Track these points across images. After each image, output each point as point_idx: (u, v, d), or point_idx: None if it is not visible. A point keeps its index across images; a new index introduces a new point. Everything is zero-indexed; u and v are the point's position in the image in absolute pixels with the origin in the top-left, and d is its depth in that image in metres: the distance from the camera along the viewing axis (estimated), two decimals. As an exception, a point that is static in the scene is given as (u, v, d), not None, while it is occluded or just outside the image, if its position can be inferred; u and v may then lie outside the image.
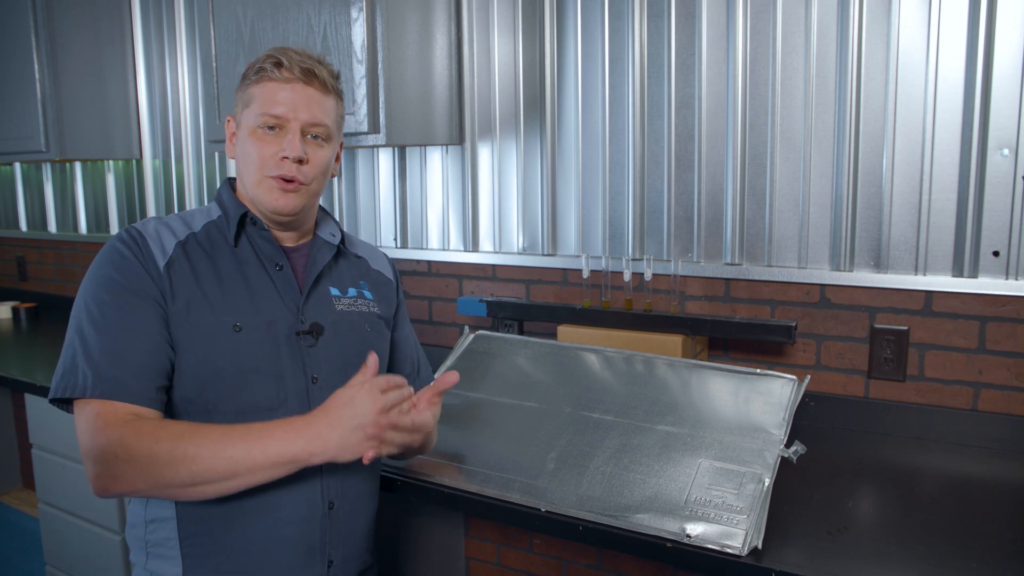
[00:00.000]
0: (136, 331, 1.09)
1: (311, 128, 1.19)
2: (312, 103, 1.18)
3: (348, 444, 1.06)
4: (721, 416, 1.42)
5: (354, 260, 1.37)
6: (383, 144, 1.84)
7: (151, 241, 1.16)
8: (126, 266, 1.12)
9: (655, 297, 1.86)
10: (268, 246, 1.23)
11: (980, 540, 1.17)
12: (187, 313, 1.13)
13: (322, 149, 1.21)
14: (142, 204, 2.95)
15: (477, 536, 1.82)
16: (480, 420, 1.53)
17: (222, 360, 1.13)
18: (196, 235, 1.21)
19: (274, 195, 1.18)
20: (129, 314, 1.10)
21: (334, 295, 1.28)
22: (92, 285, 1.13)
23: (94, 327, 1.09)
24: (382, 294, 1.38)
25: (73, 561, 2.21)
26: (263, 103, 1.17)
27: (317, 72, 1.19)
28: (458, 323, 2.20)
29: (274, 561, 1.16)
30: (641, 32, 1.82)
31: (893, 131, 1.57)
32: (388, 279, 1.42)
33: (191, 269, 1.16)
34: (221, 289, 1.17)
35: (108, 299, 1.11)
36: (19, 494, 3.08)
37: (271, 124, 1.17)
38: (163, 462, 1.02)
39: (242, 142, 1.20)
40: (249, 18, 1.95)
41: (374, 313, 1.33)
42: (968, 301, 1.55)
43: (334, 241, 1.31)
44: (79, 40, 2.68)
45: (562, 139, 1.97)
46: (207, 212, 1.26)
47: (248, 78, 1.20)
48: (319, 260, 1.27)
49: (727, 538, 1.14)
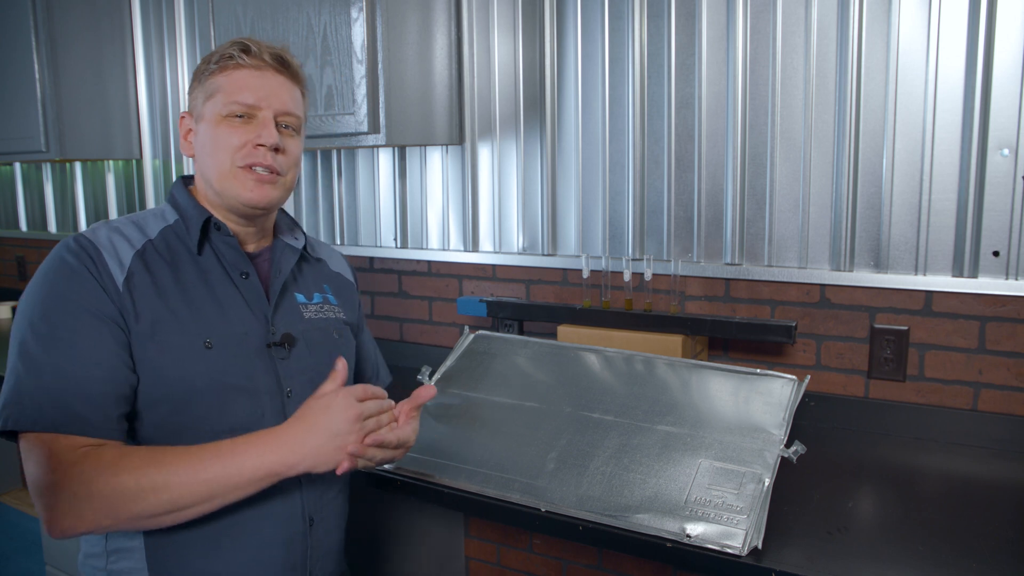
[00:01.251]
0: (90, 355, 0.99)
1: (283, 117, 1.12)
2: (283, 91, 1.12)
3: (323, 454, 1.00)
4: (721, 416, 1.42)
5: (314, 263, 1.30)
6: (383, 144, 1.84)
7: (105, 253, 1.05)
8: (78, 282, 1.02)
9: (655, 297, 1.86)
10: (233, 253, 1.14)
11: (980, 540, 1.17)
12: (152, 332, 1.04)
13: (294, 140, 1.15)
14: (142, 204, 2.95)
15: (477, 536, 1.82)
16: (480, 420, 1.53)
17: (196, 379, 1.05)
18: (153, 242, 1.11)
19: (248, 187, 1.10)
20: (83, 336, 0.99)
21: (300, 302, 1.21)
22: (37, 302, 1.01)
23: (42, 349, 0.98)
24: (345, 298, 1.32)
25: (73, 561, 2.21)
26: (231, 91, 1.09)
27: (288, 60, 1.13)
28: (458, 323, 2.20)
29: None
30: (641, 32, 1.82)
31: (893, 131, 1.57)
32: (348, 281, 1.36)
33: (152, 283, 1.06)
34: (186, 303, 1.08)
35: (57, 319, 1.00)
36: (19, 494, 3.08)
37: (240, 112, 1.09)
38: (130, 495, 0.94)
39: (205, 134, 1.11)
40: (249, 18, 1.95)
41: (340, 319, 1.27)
42: (968, 301, 1.55)
43: (297, 245, 1.24)
44: (79, 40, 2.67)
45: (562, 139, 1.97)
46: (161, 215, 1.16)
47: (208, 68, 1.12)
48: (284, 266, 1.20)
49: (727, 538, 1.14)
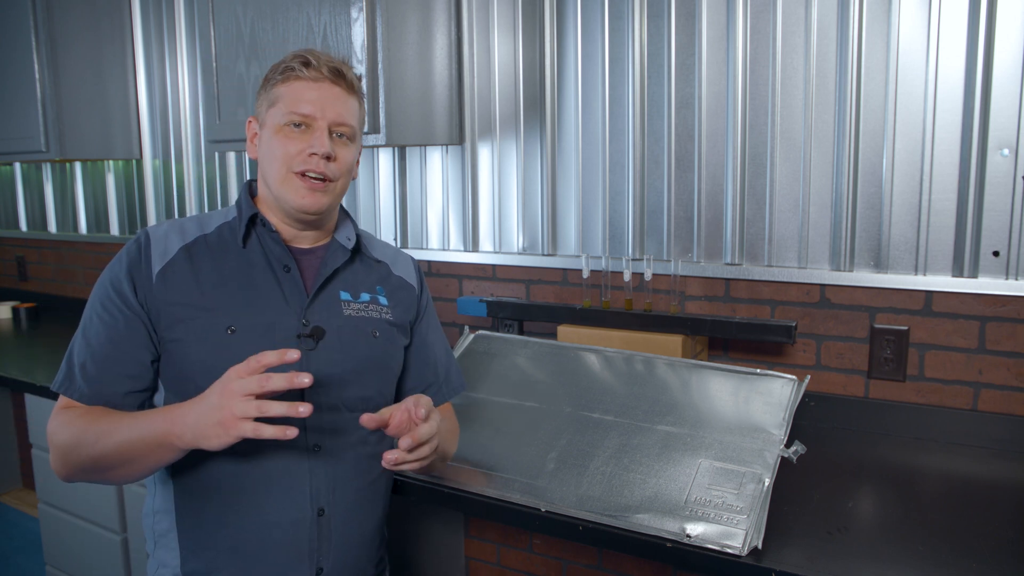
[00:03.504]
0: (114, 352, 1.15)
1: (337, 127, 1.20)
2: (339, 102, 1.19)
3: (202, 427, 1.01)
4: (721, 416, 1.42)
5: (373, 264, 1.34)
6: (383, 144, 1.84)
7: (155, 244, 1.19)
8: (119, 270, 1.18)
9: (655, 297, 1.86)
10: (277, 247, 1.23)
11: (980, 540, 1.17)
12: (182, 317, 1.15)
13: (347, 148, 1.22)
14: (142, 204, 2.95)
15: (477, 536, 1.82)
16: (480, 420, 1.53)
17: (216, 363, 1.10)
18: (207, 236, 1.22)
19: (300, 193, 1.18)
20: (114, 329, 1.15)
21: (344, 299, 1.26)
22: (95, 289, 1.20)
23: (82, 332, 1.18)
24: (399, 299, 1.34)
25: (73, 561, 2.21)
26: (290, 101, 1.17)
27: (344, 72, 1.21)
28: (458, 323, 2.20)
29: (262, 562, 1.16)
30: (641, 32, 1.82)
31: (893, 131, 1.57)
32: (410, 284, 1.38)
33: (192, 271, 1.17)
34: (220, 291, 1.17)
35: (98, 306, 1.17)
36: (19, 494, 3.08)
37: (298, 122, 1.17)
38: (71, 447, 1.11)
39: (266, 141, 1.20)
40: (249, 18, 1.95)
41: (386, 320, 1.29)
42: (968, 301, 1.55)
43: (348, 245, 1.29)
44: (79, 40, 2.67)
45: (562, 139, 1.97)
46: (225, 214, 1.27)
47: (273, 78, 1.21)
48: (330, 263, 1.26)
49: (727, 538, 1.14)
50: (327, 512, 1.19)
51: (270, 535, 1.16)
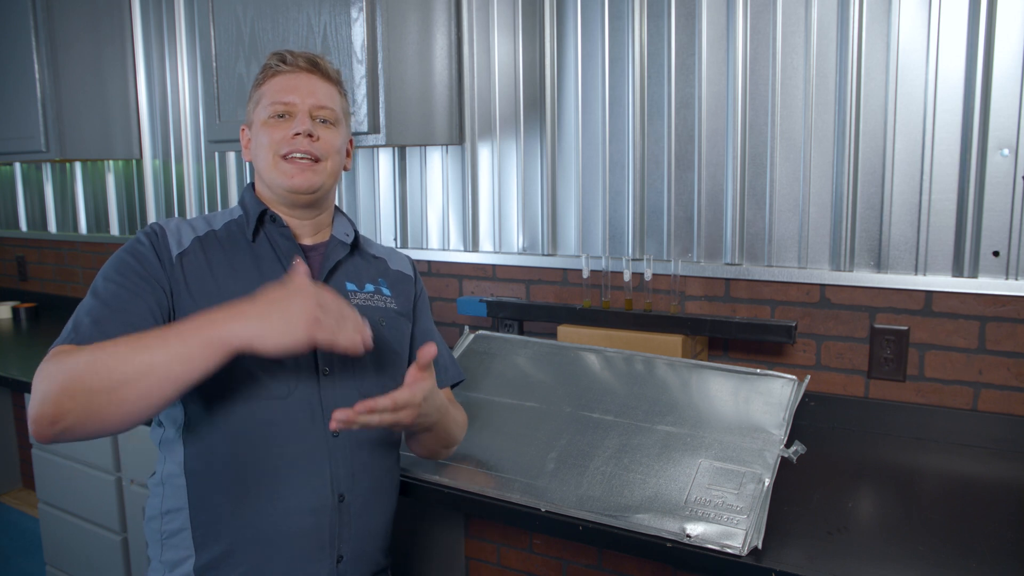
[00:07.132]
0: (126, 304, 1.11)
1: (318, 111, 1.24)
2: (317, 89, 1.25)
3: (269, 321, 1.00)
4: (721, 416, 1.42)
5: (372, 260, 1.39)
6: (383, 144, 1.84)
7: (170, 233, 1.22)
8: (140, 252, 1.18)
9: (655, 297, 1.86)
10: (286, 242, 1.26)
11: (980, 540, 1.17)
12: (197, 301, 1.16)
13: (331, 131, 1.26)
14: (142, 204, 2.95)
15: (477, 536, 1.82)
16: (480, 420, 1.53)
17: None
18: (216, 232, 1.26)
19: (289, 174, 1.22)
20: (127, 289, 1.13)
21: (350, 290, 1.30)
22: (106, 265, 1.19)
23: (93, 296, 1.14)
24: (400, 289, 1.39)
25: (73, 561, 2.21)
26: (272, 95, 1.24)
27: (320, 63, 1.27)
28: (458, 323, 2.20)
29: (282, 551, 1.16)
30: (641, 32, 1.82)
31: (893, 131, 1.57)
32: (407, 275, 1.43)
33: (206, 261, 1.21)
34: (232, 281, 1.20)
35: (114, 276, 1.15)
36: (19, 494, 3.08)
37: (281, 112, 1.23)
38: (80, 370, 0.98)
39: (255, 137, 1.26)
40: (249, 18, 1.95)
41: (392, 308, 1.34)
42: (968, 301, 1.55)
43: (347, 240, 1.33)
44: (79, 40, 2.67)
45: (562, 139, 1.97)
46: (230, 213, 1.31)
47: (256, 80, 1.28)
48: (332, 256, 1.30)
49: (727, 538, 1.14)
50: (347, 499, 1.20)
51: (292, 523, 1.16)
